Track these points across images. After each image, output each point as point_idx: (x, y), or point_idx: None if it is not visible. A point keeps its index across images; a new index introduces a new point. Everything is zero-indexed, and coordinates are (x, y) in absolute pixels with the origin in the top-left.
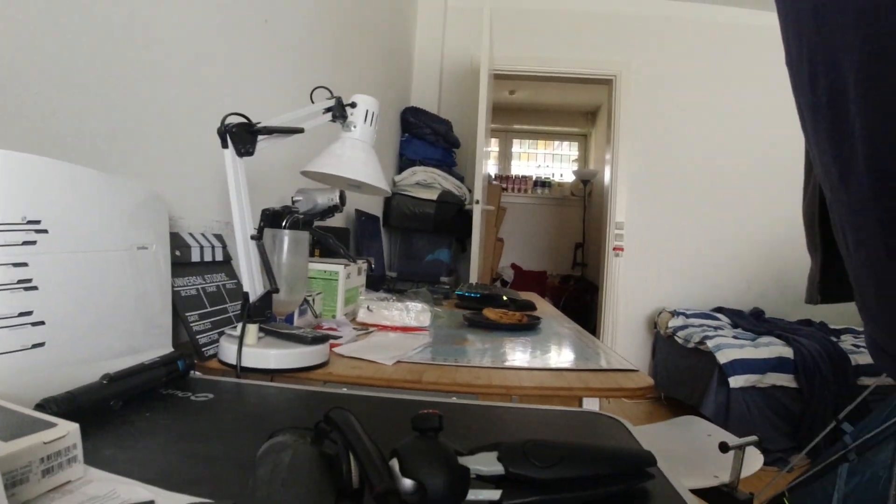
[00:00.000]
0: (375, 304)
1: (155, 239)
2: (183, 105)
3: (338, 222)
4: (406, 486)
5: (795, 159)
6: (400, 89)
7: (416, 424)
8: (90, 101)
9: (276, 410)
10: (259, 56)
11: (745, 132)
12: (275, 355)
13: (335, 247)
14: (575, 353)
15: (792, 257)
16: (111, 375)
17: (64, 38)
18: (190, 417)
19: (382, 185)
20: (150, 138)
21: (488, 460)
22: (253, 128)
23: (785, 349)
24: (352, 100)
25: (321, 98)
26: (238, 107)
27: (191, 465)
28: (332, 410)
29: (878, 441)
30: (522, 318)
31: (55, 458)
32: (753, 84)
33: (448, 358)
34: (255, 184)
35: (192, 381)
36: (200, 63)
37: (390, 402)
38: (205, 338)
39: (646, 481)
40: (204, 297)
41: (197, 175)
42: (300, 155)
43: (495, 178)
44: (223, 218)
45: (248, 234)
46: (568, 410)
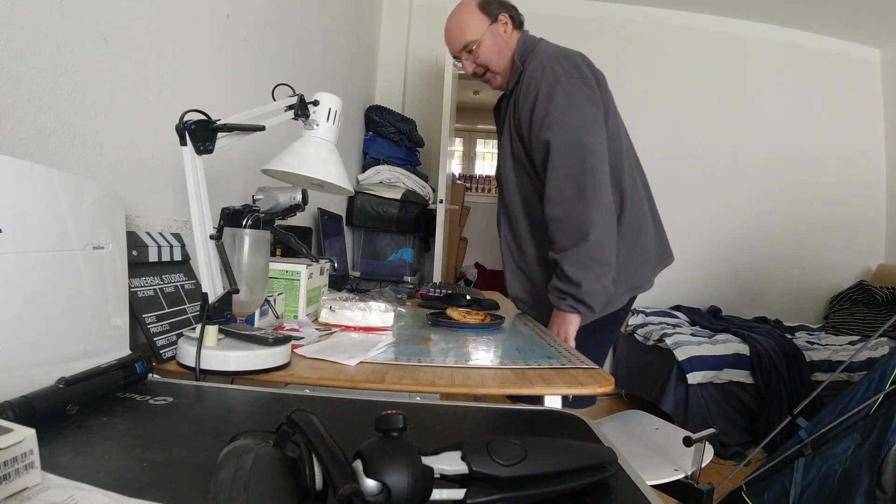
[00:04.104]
0: (338, 305)
1: (111, 238)
2: (141, 101)
3: (300, 221)
4: (370, 487)
5: (752, 162)
6: (364, 87)
7: (379, 425)
8: (44, 97)
9: (237, 413)
10: (220, 52)
11: (703, 134)
12: (235, 357)
13: (297, 246)
14: (537, 352)
15: (747, 256)
16: (67, 379)
17: (17, 32)
18: (149, 421)
19: (345, 185)
20: (106, 135)
21: (452, 460)
22: (212, 125)
23: (741, 346)
24: (314, 98)
25: (283, 95)
26: (197, 103)
27: (150, 470)
28: (294, 412)
29: (833, 436)
30: (485, 318)
31: (11, 465)
32: (712, 88)
33: (411, 358)
34: (215, 182)
35: (151, 385)
36: (159, 58)
37: (353, 403)
38: (163, 340)
39: (607, 476)
40: (162, 298)
41: (154, 173)
42: (261, 153)
43: (459, 177)
44: (181, 217)
45: (208, 233)
46: (530, 409)
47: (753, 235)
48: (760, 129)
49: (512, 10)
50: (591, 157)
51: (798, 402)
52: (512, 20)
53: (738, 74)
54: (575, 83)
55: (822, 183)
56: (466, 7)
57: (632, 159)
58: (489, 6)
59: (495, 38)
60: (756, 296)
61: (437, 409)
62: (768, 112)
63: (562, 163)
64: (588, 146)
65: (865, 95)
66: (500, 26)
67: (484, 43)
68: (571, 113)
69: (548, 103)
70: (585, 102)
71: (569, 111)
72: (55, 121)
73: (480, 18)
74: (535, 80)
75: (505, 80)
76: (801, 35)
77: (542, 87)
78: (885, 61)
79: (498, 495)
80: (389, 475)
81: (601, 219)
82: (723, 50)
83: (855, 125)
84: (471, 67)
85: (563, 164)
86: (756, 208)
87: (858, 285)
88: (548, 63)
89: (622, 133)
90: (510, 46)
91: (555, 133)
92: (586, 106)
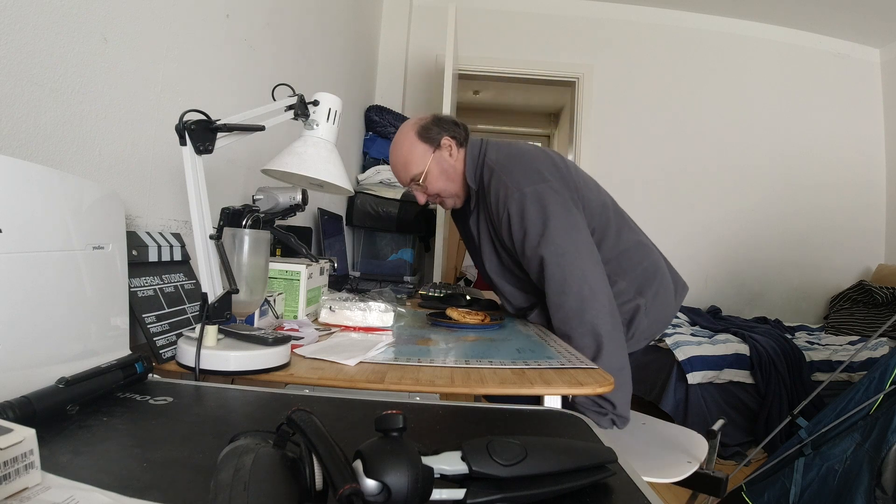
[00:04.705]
0: (338, 305)
1: (111, 238)
2: (141, 101)
3: (300, 221)
4: (370, 487)
5: (752, 162)
6: (364, 87)
7: (379, 425)
8: (44, 97)
9: (237, 413)
10: (220, 52)
11: (703, 134)
12: (235, 357)
13: (297, 246)
14: (537, 352)
15: (748, 256)
16: (67, 379)
17: (17, 32)
18: (149, 421)
19: (345, 185)
20: (106, 135)
21: (452, 460)
22: (212, 125)
23: (741, 346)
24: (314, 98)
25: (283, 95)
26: (197, 103)
27: (150, 470)
28: (294, 412)
29: (833, 435)
30: (485, 318)
31: (11, 465)
32: (712, 88)
33: (411, 358)
34: (215, 182)
35: (151, 385)
36: (159, 58)
37: (353, 403)
38: (163, 340)
39: (607, 477)
40: (161, 298)
41: (154, 173)
42: (261, 153)
43: None
44: (181, 217)
45: (207, 233)
46: (530, 409)
47: (753, 235)
48: (760, 129)
49: (453, 130)
50: (580, 260)
51: (798, 402)
52: (455, 140)
53: (738, 74)
54: (540, 190)
55: (822, 183)
56: (406, 138)
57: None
58: (429, 133)
59: (441, 166)
60: (756, 296)
61: (437, 409)
62: (768, 112)
63: (557, 275)
64: (573, 252)
65: (865, 95)
66: (443, 152)
67: (431, 173)
68: (549, 222)
69: (522, 221)
70: (556, 207)
71: (546, 222)
72: (55, 121)
73: (423, 149)
74: (502, 201)
75: (462, 201)
76: (801, 35)
77: (511, 206)
78: (885, 61)
79: (498, 495)
80: (389, 475)
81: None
82: (722, 50)
83: (855, 125)
84: (423, 198)
85: (557, 276)
86: (756, 208)
87: (858, 285)
88: (505, 178)
89: (604, 200)
90: (458, 170)
91: (542, 248)
92: (558, 210)
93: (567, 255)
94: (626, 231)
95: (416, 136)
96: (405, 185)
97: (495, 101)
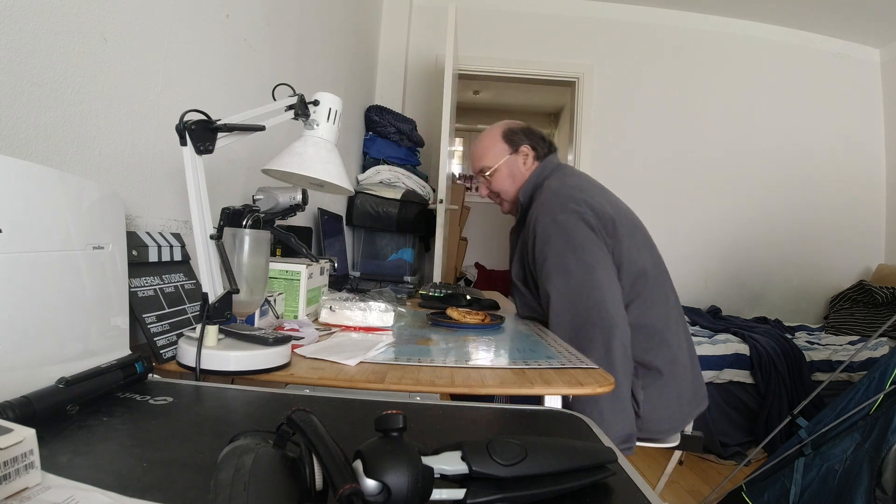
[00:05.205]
0: (338, 305)
1: (111, 238)
2: (141, 101)
3: (300, 221)
4: (370, 487)
5: (752, 161)
6: (364, 87)
7: (379, 425)
8: (44, 97)
9: (237, 413)
10: (220, 52)
11: (703, 134)
12: (235, 357)
13: (297, 246)
14: (537, 352)
15: (748, 256)
16: (67, 379)
17: (17, 32)
18: (149, 421)
19: (345, 184)
20: (106, 135)
21: (452, 460)
22: (213, 125)
23: (741, 346)
24: (315, 97)
25: (283, 95)
26: (198, 103)
27: (150, 470)
28: (294, 412)
29: (833, 435)
30: (485, 318)
31: (11, 465)
32: (712, 88)
33: (411, 358)
34: (215, 182)
35: (151, 385)
36: (159, 58)
37: (353, 403)
38: (163, 340)
39: (607, 477)
40: (162, 298)
41: (154, 173)
42: (261, 153)
43: (459, 177)
44: (182, 217)
45: (208, 233)
46: (530, 409)
47: (753, 235)
48: (760, 129)
49: (537, 143)
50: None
51: (798, 402)
52: (534, 153)
53: (738, 74)
54: (569, 223)
55: (822, 183)
56: (491, 133)
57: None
58: (513, 136)
59: (511, 169)
60: (756, 296)
61: (437, 409)
62: (768, 112)
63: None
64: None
65: (865, 95)
66: (519, 157)
67: (499, 172)
68: (568, 258)
69: (544, 246)
70: (587, 244)
71: (565, 256)
72: (55, 120)
73: (501, 147)
74: (534, 220)
75: (513, 209)
76: (801, 35)
77: (539, 229)
78: (885, 61)
79: (498, 495)
80: (389, 475)
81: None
82: (722, 50)
83: (855, 125)
84: (484, 191)
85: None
86: (756, 208)
87: (858, 285)
88: (548, 202)
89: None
90: (523, 179)
91: (552, 283)
92: (588, 246)
93: (581, 297)
94: (654, 313)
95: (500, 135)
96: (475, 174)
97: (495, 101)
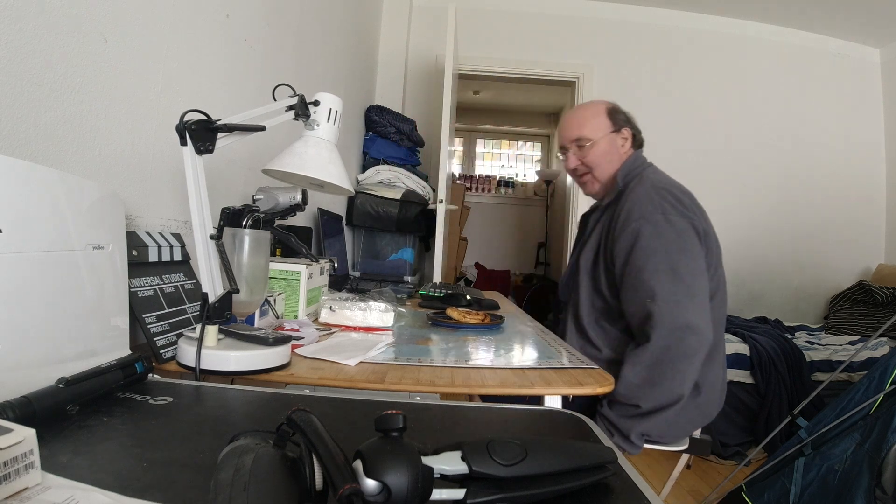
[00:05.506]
0: (338, 305)
1: (111, 238)
2: (141, 101)
3: (300, 221)
4: (370, 487)
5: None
6: (364, 87)
7: (379, 425)
8: (44, 97)
9: (237, 413)
10: (220, 52)
11: (703, 134)
12: (235, 357)
13: (297, 246)
14: (537, 352)
15: (748, 257)
16: (67, 379)
17: (17, 32)
18: (149, 421)
19: (346, 185)
20: (106, 135)
21: (452, 460)
22: (213, 125)
23: (741, 346)
24: (315, 98)
25: (283, 95)
26: (198, 103)
27: (150, 470)
28: (294, 412)
29: (833, 435)
30: (485, 318)
31: (11, 465)
32: (711, 88)
33: (411, 358)
34: (215, 182)
35: (151, 385)
36: (159, 58)
37: (353, 403)
38: (163, 340)
39: (607, 477)
40: (162, 298)
41: (154, 173)
42: (261, 153)
43: (459, 177)
44: (182, 217)
45: (208, 233)
46: (530, 409)
47: (753, 235)
48: (760, 129)
49: (636, 130)
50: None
51: (798, 402)
52: (633, 139)
53: (738, 74)
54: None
55: (822, 183)
56: (594, 106)
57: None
58: (616, 115)
59: (611, 147)
60: (756, 296)
61: (437, 409)
62: (768, 112)
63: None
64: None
65: (865, 95)
66: (619, 138)
67: (598, 145)
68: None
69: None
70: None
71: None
72: (55, 121)
73: (605, 122)
74: (638, 212)
75: (602, 191)
76: (801, 35)
77: (647, 222)
78: (885, 61)
79: (498, 495)
80: (389, 475)
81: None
82: (722, 50)
83: (855, 125)
84: (574, 163)
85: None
86: (755, 208)
87: (858, 285)
88: (657, 197)
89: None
90: (620, 161)
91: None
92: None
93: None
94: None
95: (605, 110)
96: (565, 143)
97: (495, 101)
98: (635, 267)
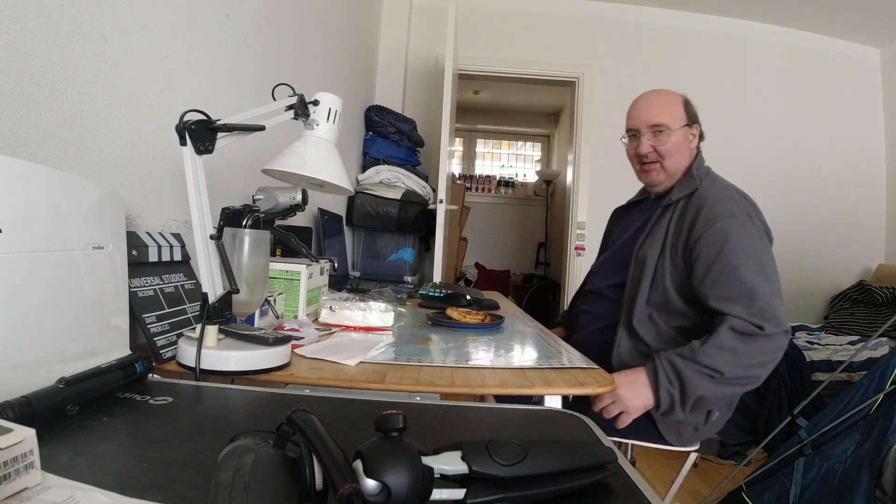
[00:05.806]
0: (338, 305)
1: (111, 238)
2: (141, 101)
3: (300, 221)
4: (370, 487)
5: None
6: (364, 87)
7: (379, 425)
8: (44, 97)
9: (237, 413)
10: (220, 52)
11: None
12: (235, 357)
13: (297, 246)
14: (537, 352)
15: None
16: (67, 379)
17: (17, 32)
18: (149, 421)
19: (345, 185)
20: (106, 135)
21: (452, 460)
22: (212, 125)
23: None
24: (315, 97)
25: (283, 95)
26: (197, 103)
27: (150, 470)
28: (294, 412)
29: (833, 435)
30: (485, 318)
31: (11, 465)
32: (712, 88)
33: (411, 358)
34: (215, 182)
35: (151, 385)
36: (159, 58)
37: (353, 403)
38: (163, 340)
39: (607, 477)
40: (162, 298)
41: (154, 173)
42: (261, 153)
43: (459, 177)
44: (181, 217)
45: (208, 233)
46: (530, 409)
47: None
48: (760, 129)
49: (701, 130)
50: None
51: (798, 402)
52: (700, 136)
53: (738, 74)
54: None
55: (822, 183)
56: (672, 95)
57: None
58: (691, 109)
59: (684, 139)
60: None
61: (437, 409)
62: (768, 112)
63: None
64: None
65: (865, 95)
66: (690, 133)
67: (675, 135)
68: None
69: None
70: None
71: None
72: (55, 121)
73: (681, 113)
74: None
75: (667, 182)
76: (801, 35)
77: (734, 221)
78: (885, 61)
79: (498, 495)
80: (389, 475)
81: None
82: (722, 50)
83: (855, 125)
84: (647, 148)
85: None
86: None
87: (858, 285)
88: (738, 199)
89: None
90: (690, 155)
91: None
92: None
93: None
94: None
95: (682, 101)
96: (641, 127)
97: (495, 101)
98: (729, 265)
